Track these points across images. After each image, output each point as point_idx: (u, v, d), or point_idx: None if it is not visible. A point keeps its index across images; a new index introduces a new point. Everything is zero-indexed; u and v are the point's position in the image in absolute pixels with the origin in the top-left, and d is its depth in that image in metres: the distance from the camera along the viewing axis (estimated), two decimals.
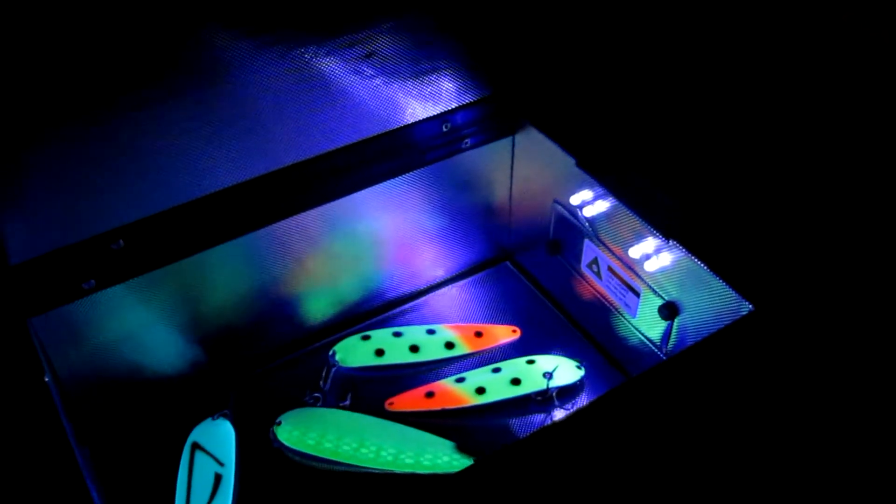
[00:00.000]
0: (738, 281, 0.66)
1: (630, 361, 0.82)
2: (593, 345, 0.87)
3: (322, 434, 0.77)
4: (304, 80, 0.70)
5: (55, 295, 0.67)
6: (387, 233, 0.85)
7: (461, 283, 0.94)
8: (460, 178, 0.86)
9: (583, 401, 0.81)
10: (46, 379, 0.59)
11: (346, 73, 0.72)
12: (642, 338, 0.79)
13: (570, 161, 0.79)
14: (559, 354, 0.84)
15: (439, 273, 0.93)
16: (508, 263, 0.97)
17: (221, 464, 0.75)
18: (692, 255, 0.69)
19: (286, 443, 0.77)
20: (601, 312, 0.83)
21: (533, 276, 0.94)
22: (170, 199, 0.69)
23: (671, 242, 0.71)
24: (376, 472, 0.75)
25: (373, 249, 0.86)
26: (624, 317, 0.80)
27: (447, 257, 0.92)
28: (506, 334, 0.88)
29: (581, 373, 0.82)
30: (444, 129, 0.81)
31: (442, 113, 0.80)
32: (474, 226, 0.92)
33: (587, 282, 0.84)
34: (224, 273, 0.77)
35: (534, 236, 0.91)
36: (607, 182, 0.76)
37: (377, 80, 0.74)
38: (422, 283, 0.92)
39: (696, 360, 0.62)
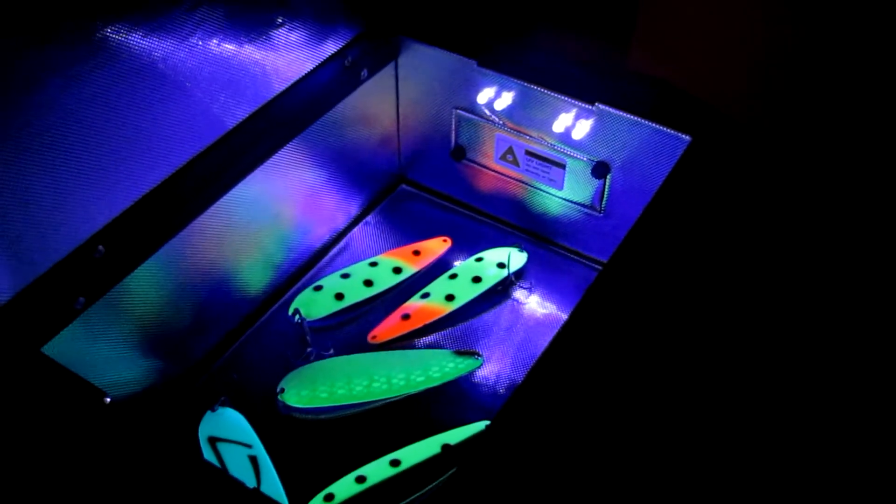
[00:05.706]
0: (668, 120, 0.76)
1: (562, 230, 0.90)
2: (519, 229, 0.93)
3: (331, 384, 0.77)
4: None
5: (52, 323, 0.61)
6: (290, 191, 0.84)
7: (371, 215, 0.96)
8: (349, 119, 0.87)
9: (536, 277, 0.89)
10: (107, 400, 0.55)
11: (197, 52, 0.70)
12: (572, 205, 0.87)
13: (470, 64, 0.84)
14: (497, 247, 0.90)
15: (352, 210, 0.94)
16: (404, 185, 1.00)
17: (249, 446, 0.73)
18: (619, 110, 0.78)
19: (299, 405, 0.76)
20: (522, 197, 0.90)
21: (434, 189, 0.98)
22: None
23: (595, 106, 0.79)
24: (394, 399, 0.78)
25: (284, 210, 0.85)
26: (549, 193, 0.88)
27: (352, 194, 0.94)
28: (440, 246, 0.92)
29: (525, 255, 0.89)
30: (342, 66, 0.82)
31: (316, 66, 0.81)
32: (368, 158, 0.94)
33: (502, 174, 0.90)
34: (151, 283, 0.73)
35: (428, 151, 0.95)
36: (515, 72, 0.82)
37: (236, 50, 0.73)
38: (340, 225, 0.93)
39: (665, 203, 0.70)
